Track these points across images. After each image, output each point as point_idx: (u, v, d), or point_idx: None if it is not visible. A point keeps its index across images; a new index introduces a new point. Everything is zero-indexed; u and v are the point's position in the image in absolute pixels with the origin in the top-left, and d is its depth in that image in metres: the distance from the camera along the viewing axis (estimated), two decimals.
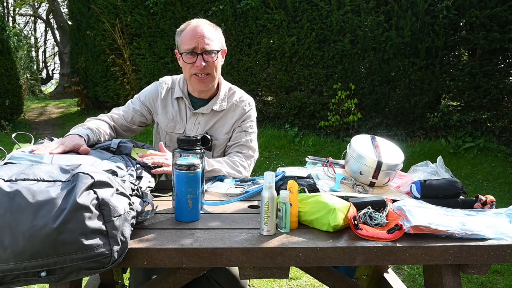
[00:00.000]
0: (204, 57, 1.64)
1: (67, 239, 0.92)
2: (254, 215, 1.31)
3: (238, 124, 1.82)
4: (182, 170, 1.20)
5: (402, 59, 6.00)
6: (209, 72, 1.68)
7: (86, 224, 0.94)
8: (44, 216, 0.92)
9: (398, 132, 6.19)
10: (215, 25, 1.74)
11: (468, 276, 2.68)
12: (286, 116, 6.71)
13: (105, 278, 1.86)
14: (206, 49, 1.64)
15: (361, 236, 1.14)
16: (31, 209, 0.92)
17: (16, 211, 0.92)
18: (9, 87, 8.17)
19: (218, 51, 1.69)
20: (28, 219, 0.92)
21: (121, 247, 1.00)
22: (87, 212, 0.95)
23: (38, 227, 0.91)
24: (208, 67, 1.66)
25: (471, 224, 1.18)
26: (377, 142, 1.53)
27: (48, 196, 0.94)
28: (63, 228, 0.92)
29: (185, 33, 1.66)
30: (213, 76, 1.71)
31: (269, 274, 1.17)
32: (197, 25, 1.67)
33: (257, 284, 2.62)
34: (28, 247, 0.91)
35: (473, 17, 5.62)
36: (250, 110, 1.86)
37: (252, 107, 1.88)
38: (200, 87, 1.72)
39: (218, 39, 1.70)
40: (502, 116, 5.99)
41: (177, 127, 1.80)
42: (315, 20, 6.24)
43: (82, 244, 0.94)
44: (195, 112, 1.78)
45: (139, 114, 1.83)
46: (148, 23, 7.13)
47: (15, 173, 1.01)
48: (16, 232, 0.91)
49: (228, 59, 6.73)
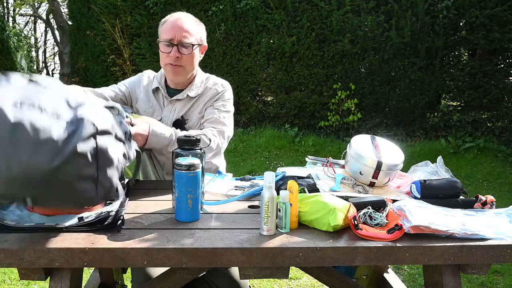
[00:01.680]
0: (179, 48, 1.69)
1: (61, 179, 0.98)
2: (254, 215, 1.31)
3: (210, 104, 1.82)
4: (182, 170, 1.20)
5: (402, 59, 6.00)
6: (183, 65, 1.72)
7: (82, 170, 1.00)
8: (44, 153, 0.96)
9: (398, 132, 6.19)
10: (198, 21, 1.79)
11: (468, 276, 2.68)
12: (286, 116, 6.71)
13: (105, 278, 1.86)
14: (182, 41, 1.69)
15: (361, 236, 1.14)
16: (31, 144, 0.96)
17: (17, 142, 0.95)
18: None
19: (195, 45, 1.73)
20: (27, 152, 0.95)
21: (105, 193, 1.07)
22: (84, 159, 1.00)
23: (37, 162, 0.95)
24: (182, 59, 1.71)
25: (471, 224, 1.18)
26: (377, 142, 1.53)
27: (50, 136, 0.97)
28: (61, 169, 0.97)
29: (167, 24, 1.73)
30: (186, 69, 1.75)
31: (269, 274, 1.17)
32: (178, 17, 1.73)
33: (257, 284, 2.62)
34: (22, 177, 0.96)
35: (473, 17, 5.62)
36: (223, 90, 1.85)
37: (226, 89, 1.87)
38: (172, 77, 1.77)
39: (198, 34, 1.75)
40: (502, 116, 5.98)
41: (155, 114, 1.84)
42: (315, 20, 6.24)
43: (73, 187, 1.01)
44: (171, 100, 1.82)
45: (121, 94, 1.87)
46: (148, 23, 7.12)
47: (21, 96, 1.02)
48: (12, 161, 0.95)
49: (228, 59, 6.73)
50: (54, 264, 1.05)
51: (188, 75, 1.78)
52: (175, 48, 1.69)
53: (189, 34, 1.71)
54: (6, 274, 2.67)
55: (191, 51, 1.72)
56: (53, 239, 1.09)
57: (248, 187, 1.55)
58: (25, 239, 1.09)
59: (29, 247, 1.05)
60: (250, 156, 5.72)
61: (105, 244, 1.07)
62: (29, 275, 1.11)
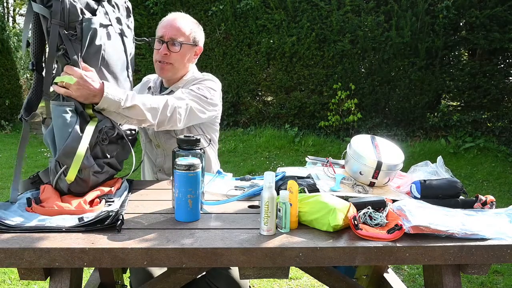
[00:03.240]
0: (168, 46, 1.70)
1: None
2: (254, 215, 1.31)
3: (186, 88, 1.72)
4: (182, 170, 1.20)
5: (402, 59, 6.00)
6: (172, 62, 1.72)
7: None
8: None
9: (398, 132, 6.19)
10: (197, 23, 1.80)
11: (468, 276, 2.68)
12: (286, 116, 6.71)
13: (105, 278, 1.86)
14: (173, 38, 1.70)
15: (361, 236, 1.14)
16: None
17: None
18: (9, 87, 8.16)
19: (185, 44, 1.72)
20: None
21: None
22: None
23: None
24: (171, 56, 1.71)
25: (471, 224, 1.18)
26: (377, 142, 1.53)
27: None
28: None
29: (162, 22, 1.76)
30: (175, 67, 1.74)
31: (269, 274, 1.17)
32: (174, 17, 1.74)
33: (257, 284, 2.62)
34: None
35: (473, 17, 5.62)
36: (202, 78, 1.78)
37: (207, 78, 1.78)
38: (159, 73, 1.78)
39: (191, 34, 1.75)
40: (502, 116, 5.99)
41: None
42: (315, 20, 6.24)
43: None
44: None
45: None
46: (148, 23, 7.12)
47: None
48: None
49: (228, 59, 6.73)
50: (54, 264, 1.05)
51: (176, 73, 1.77)
52: (164, 45, 1.70)
53: (180, 33, 1.71)
54: (6, 274, 2.67)
55: (180, 49, 1.71)
56: (53, 239, 1.09)
57: (248, 187, 1.55)
58: (25, 239, 1.09)
59: (29, 247, 1.05)
60: (250, 156, 5.72)
61: (105, 244, 1.07)
62: (29, 275, 1.11)
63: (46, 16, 1.27)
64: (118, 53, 1.49)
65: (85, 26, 1.32)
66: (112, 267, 1.80)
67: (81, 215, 1.21)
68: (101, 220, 1.18)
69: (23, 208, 1.26)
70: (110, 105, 1.36)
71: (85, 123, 1.34)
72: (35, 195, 1.34)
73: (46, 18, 1.28)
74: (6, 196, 4.11)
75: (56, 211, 1.23)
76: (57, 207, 1.24)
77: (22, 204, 1.28)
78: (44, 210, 1.23)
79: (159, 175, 1.83)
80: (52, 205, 1.24)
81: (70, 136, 1.29)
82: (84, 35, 1.32)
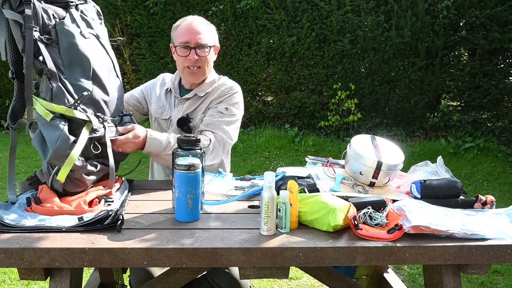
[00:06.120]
0: (197, 51, 1.73)
1: None
2: (254, 215, 1.31)
3: (214, 105, 1.82)
4: (182, 170, 1.20)
5: (402, 59, 6.00)
6: (201, 66, 1.77)
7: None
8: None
9: (398, 132, 6.19)
10: (210, 23, 1.83)
11: (468, 276, 2.68)
12: (286, 116, 6.71)
13: (105, 278, 1.86)
14: (199, 43, 1.73)
15: (361, 236, 1.14)
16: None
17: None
18: (9, 87, 8.16)
19: (211, 46, 1.77)
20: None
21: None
22: None
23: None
24: (200, 60, 1.75)
25: (471, 224, 1.18)
26: (377, 142, 1.53)
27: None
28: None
29: (181, 28, 1.77)
30: (204, 70, 1.79)
31: (269, 274, 1.17)
32: (192, 21, 1.77)
33: (257, 284, 2.62)
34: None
35: (473, 17, 5.62)
36: (229, 92, 1.83)
37: (234, 92, 1.84)
38: (191, 79, 1.81)
39: (212, 35, 1.79)
40: (502, 116, 5.98)
41: (164, 113, 1.88)
42: (315, 20, 6.24)
43: None
44: (181, 99, 1.85)
45: (134, 98, 1.97)
46: (148, 23, 7.12)
47: None
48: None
49: (228, 59, 6.73)
50: (54, 264, 1.05)
51: (205, 75, 1.82)
52: (193, 51, 1.73)
53: (204, 36, 1.74)
54: (6, 274, 2.67)
55: (208, 52, 1.76)
56: (53, 239, 1.09)
57: (248, 187, 1.55)
58: (25, 239, 1.09)
59: (29, 247, 1.05)
60: (250, 156, 5.72)
61: (105, 244, 1.08)
62: (29, 275, 1.11)
63: (20, 21, 1.23)
64: (101, 55, 1.47)
65: (59, 29, 1.30)
66: (112, 267, 1.80)
67: (81, 215, 1.21)
68: (101, 219, 1.18)
69: (23, 208, 1.26)
70: (153, 150, 1.58)
71: (72, 124, 1.31)
72: (35, 195, 1.34)
73: (18, 24, 1.24)
74: (6, 196, 4.11)
75: (56, 211, 1.23)
76: (57, 207, 1.24)
77: (22, 204, 1.28)
78: (44, 210, 1.23)
79: (170, 178, 1.83)
80: (51, 205, 1.24)
81: (60, 139, 1.26)
82: (60, 38, 1.30)
